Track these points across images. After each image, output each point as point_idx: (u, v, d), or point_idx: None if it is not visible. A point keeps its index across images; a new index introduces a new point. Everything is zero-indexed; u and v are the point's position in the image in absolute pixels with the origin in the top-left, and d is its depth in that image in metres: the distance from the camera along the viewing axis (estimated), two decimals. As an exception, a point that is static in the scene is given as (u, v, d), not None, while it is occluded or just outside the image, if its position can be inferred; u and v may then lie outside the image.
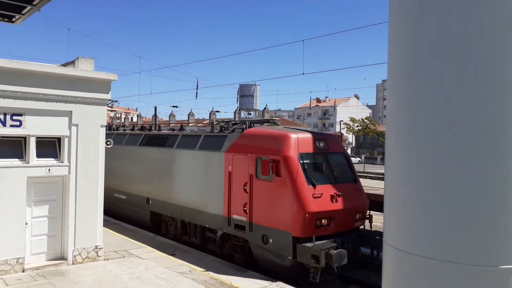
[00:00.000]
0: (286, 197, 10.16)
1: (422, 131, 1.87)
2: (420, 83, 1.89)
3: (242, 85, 50.50)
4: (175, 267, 10.62)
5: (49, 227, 10.42)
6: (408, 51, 1.95)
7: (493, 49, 1.76)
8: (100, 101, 10.86)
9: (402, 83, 1.98)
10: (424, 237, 1.85)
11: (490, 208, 1.76)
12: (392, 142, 2.06)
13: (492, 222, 1.75)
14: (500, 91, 1.75)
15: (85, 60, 10.98)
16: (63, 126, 10.38)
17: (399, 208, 2.00)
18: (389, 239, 2.07)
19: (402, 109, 1.97)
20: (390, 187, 2.08)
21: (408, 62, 1.95)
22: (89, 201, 10.67)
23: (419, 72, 1.89)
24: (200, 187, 12.78)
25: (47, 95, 10.03)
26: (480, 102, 1.76)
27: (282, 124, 15.19)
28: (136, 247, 12.30)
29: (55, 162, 10.38)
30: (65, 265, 10.32)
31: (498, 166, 1.76)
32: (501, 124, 1.75)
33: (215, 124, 14.21)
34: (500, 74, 1.75)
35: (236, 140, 11.92)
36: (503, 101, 1.75)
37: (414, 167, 1.91)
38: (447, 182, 1.80)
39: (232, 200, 11.56)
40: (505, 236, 1.75)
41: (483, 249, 1.75)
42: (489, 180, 1.76)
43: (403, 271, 1.95)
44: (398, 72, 2.02)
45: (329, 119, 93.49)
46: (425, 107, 1.86)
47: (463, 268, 1.77)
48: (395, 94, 2.05)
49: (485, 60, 1.76)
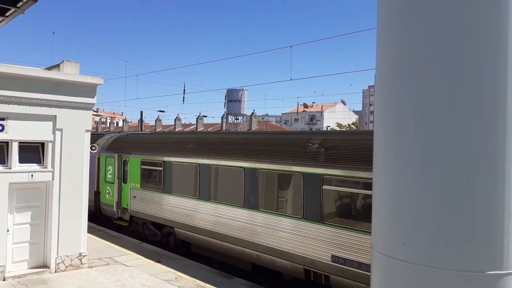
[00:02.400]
0: None
1: (409, 136, 1.88)
2: (407, 87, 1.89)
3: (230, 90, 50.49)
4: (160, 274, 10.47)
5: (32, 234, 10.18)
6: (395, 57, 1.96)
7: (480, 54, 1.77)
8: (85, 105, 10.70)
9: (389, 88, 1.99)
10: (412, 243, 1.84)
11: (477, 214, 1.77)
12: (379, 147, 2.06)
13: (479, 228, 1.76)
14: (488, 95, 1.77)
15: (70, 63, 10.83)
16: (47, 130, 10.19)
17: (386, 214, 1.99)
18: (377, 245, 2.06)
19: (389, 114, 1.98)
20: (377, 192, 2.08)
21: (395, 68, 1.95)
22: (73, 207, 10.47)
23: (406, 77, 1.90)
24: None
25: (31, 99, 9.84)
26: (468, 106, 1.77)
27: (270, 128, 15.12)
28: (121, 254, 12.10)
29: (38, 167, 10.18)
30: (47, 273, 10.08)
31: (486, 171, 1.77)
32: (489, 129, 1.77)
33: None
34: (488, 77, 1.77)
35: None
36: (491, 105, 1.76)
37: (401, 172, 1.91)
38: (435, 187, 1.80)
39: None
40: (491, 242, 1.76)
41: (470, 255, 1.75)
42: (476, 186, 1.77)
43: (391, 277, 1.95)
44: (385, 77, 2.02)
45: (316, 124, 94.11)
46: (412, 112, 1.86)
47: (450, 274, 1.77)
48: (382, 99, 2.05)
49: (472, 63, 1.78)
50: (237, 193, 10.87)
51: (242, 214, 10.67)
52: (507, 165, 1.78)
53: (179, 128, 62.46)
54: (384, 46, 2.05)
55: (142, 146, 15.03)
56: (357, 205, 8.65)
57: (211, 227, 11.56)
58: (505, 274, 1.78)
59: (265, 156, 10.35)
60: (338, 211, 8.95)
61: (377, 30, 2.10)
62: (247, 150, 10.97)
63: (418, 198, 1.83)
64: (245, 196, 10.63)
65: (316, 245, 8.92)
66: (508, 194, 1.79)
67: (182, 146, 13.22)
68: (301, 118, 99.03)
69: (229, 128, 50.87)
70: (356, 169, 8.34)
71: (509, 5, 1.79)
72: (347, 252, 8.39)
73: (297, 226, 9.36)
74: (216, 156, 11.70)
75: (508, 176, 1.79)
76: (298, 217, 9.35)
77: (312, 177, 9.10)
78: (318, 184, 8.95)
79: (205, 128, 57.53)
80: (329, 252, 8.68)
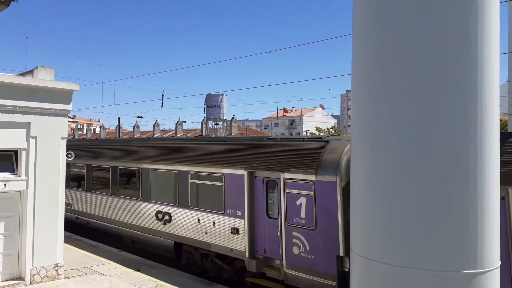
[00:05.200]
0: None
1: (386, 139, 1.91)
2: (382, 92, 1.93)
3: (209, 95, 50.28)
4: (140, 283, 10.28)
5: (5, 245, 9.84)
6: (370, 62, 2.00)
7: (455, 60, 1.82)
8: (61, 112, 10.46)
9: (365, 93, 2.02)
10: (389, 245, 1.87)
11: (451, 215, 1.81)
12: (356, 151, 2.09)
13: (453, 229, 1.80)
14: (461, 101, 1.82)
15: (44, 69, 10.57)
16: (20, 138, 9.90)
17: (364, 217, 2.02)
18: (356, 247, 2.08)
19: (365, 118, 2.01)
20: (355, 196, 2.11)
21: (370, 73, 1.99)
22: (49, 216, 10.18)
23: (381, 81, 1.94)
24: None
25: (3, 105, 9.55)
26: (441, 111, 1.82)
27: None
28: (100, 264, 11.83)
29: (11, 176, 9.86)
30: (22, 285, 9.75)
31: (459, 174, 1.82)
32: (462, 133, 1.82)
33: None
34: (461, 83, 1.82)
35: None
36: (463, 111, 1.81)
37: (379, 175, 1.94)
38: (410, 190, 1.84)
39: None
40: (466, 242, 1.81)
41: (445, 255, 1.79)
42: (450, 188, 1.81)
43: (370, 279, 1.97)
44: (360, 82, 2.06)
45: (296, 129, 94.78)
46: (388, 117, 1.90)
47: (427, 274, 1.80)
48: (358, 104, 2.08)
49: (445, 69, 1.83)
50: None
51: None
52: (479, 167, 1.84)
53: (158, 134, 61.73)
54: (359, 51, 2.09)
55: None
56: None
57: None
58: (480, 273, 1.83)
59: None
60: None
61: (353, 35, 2.14)
62: None
63: (394, 201, 1.86)
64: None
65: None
66: (480, 195, 1.85)
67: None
68: (281, 122, 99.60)
69: (209, 133, 50.65)
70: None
71: (478, 12, 1.85)
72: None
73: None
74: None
75: (480, 178, 1.84)
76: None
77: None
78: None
79: (185, 133, 57.05)
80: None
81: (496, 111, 1.92)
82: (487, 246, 1.85)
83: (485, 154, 1.85)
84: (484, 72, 1.85)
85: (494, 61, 1.90)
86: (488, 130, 1.86)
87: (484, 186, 1.85)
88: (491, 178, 1.88)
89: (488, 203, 1.86)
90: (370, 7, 2.00)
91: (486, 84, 1.85)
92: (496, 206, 1.92)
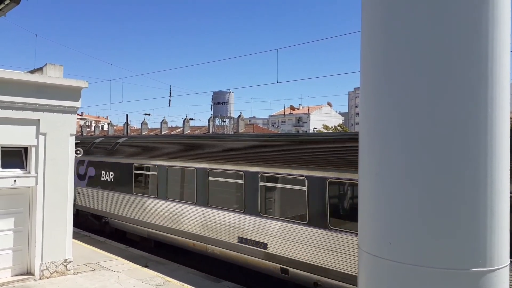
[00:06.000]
0: None
1: (394, 136, 1.91)
2: (391, 89, 1.92)
3: (217, 92, 50.35)
4: (148, 279, 10.37)
5: (15, 241, 9.97)
6: (379, 59, 1.99)
7: (463, 56, 1.81)
8: (70, 109, 10.55)
9: (374, 90, 2.02)
10: (397, 242, 1.87)
11: (461, 212, 1.80)
12: (364, 148, 2.09)
13: (463, 226, 1.80)
14: (471, 98, 1.81)
15: (53, 66, 10.67)
16: (30, 135, 10.01)
17: (372, 214, 2.02)
18: (364, 244, 2.08)
19: (374, 115, 2.01)
20: (363, 192, 2.10)
21: (379, 70, 1.99)
22: (58, 212, 10.30)
23: (390, 79, 1.93)
24: None
25: (13, 103, 9.66)
26: (451, 108, 1.81)
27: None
28: (108, 260, 11.94)
29: (21, 172, 9.99)
30: (32, 280, 9.88)
31: (470, 171, 1.81)
32: (472, 130, 1.81)
33: None
34: (472, 79, 1.81)
35: None
36: (474, 108, 1.80)
37: (387, 172, 1.94)
38: (419, 187, 1.84)
39: None
40: (475, 239, 1.80)
41: (454, 253, 1.79)
42: (460, 185, 1.81)
43: (378, 277, 1.97)
44: (369, 79, 2.05)
45: (303, 127, 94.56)
46: (396, 113, 1.89)
47: (435, 272, 1.80)
48: (366, 101, 2.08)
49: (456, 66, 1.81)
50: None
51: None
52: (489, 164, 1.83)
53: (165, 131, 61.98)
54: (368, 48, 2.08)
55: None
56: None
57: None
58: (489, 271, 1.82)
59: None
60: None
61: (361, 33, 2.14)
62: None
63: (403, 198, 1.86)
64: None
65: None
66: (490, 193, 1.84)
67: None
68: (288, 120, 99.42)
69: (216, 130, 50.73)
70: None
71: (489, 10, 1.84)
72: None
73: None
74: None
75: (490, 176, 1.83)
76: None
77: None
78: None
79: (192, 131, 57.22)
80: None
81: (506, 109, 1.91)
82: (496, 244, 1.84)
83: (495, 152, 1.84)
84: (494, 70, 1.83)
85: (505, 60, 1.89)
86: (499, 128, 1.85)
87: (493, 184, 1.84)
88: (501, 176, 1.87)
89: (498, 201, 1.85)
90: (379, 3, 1.99)
91: (496, 82, 1.84)
92: (506, 204, 1.91)
